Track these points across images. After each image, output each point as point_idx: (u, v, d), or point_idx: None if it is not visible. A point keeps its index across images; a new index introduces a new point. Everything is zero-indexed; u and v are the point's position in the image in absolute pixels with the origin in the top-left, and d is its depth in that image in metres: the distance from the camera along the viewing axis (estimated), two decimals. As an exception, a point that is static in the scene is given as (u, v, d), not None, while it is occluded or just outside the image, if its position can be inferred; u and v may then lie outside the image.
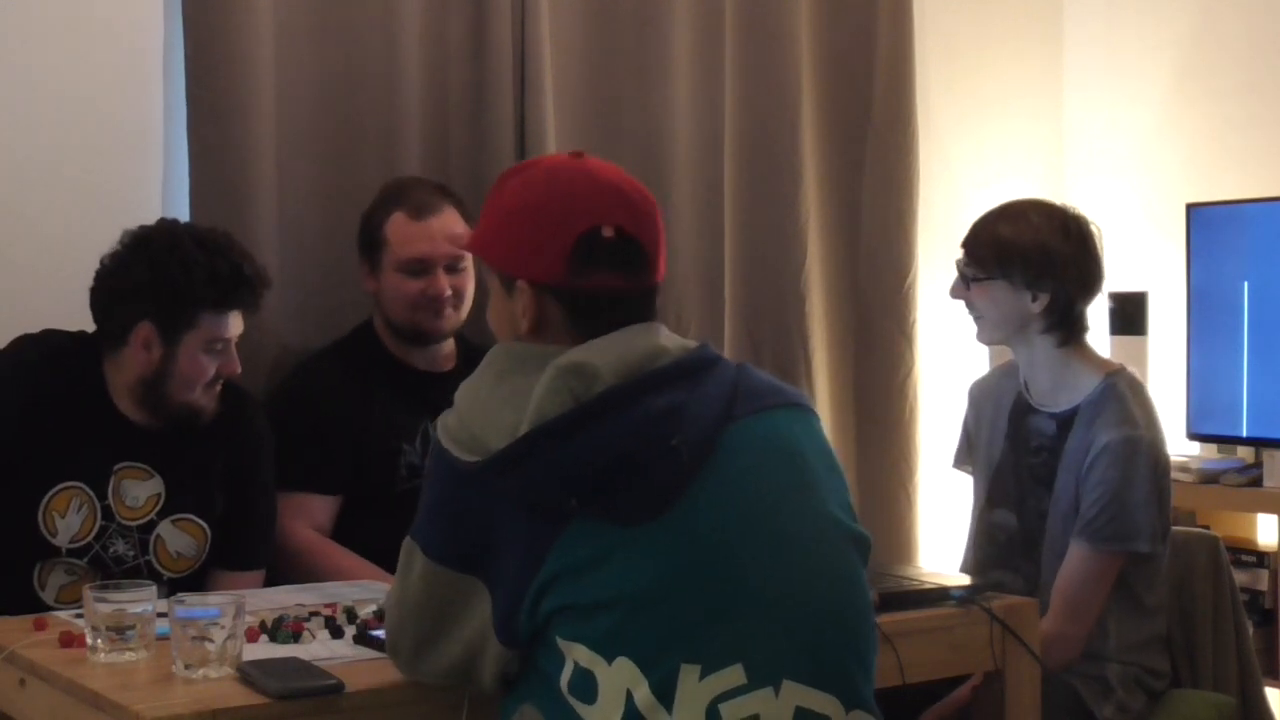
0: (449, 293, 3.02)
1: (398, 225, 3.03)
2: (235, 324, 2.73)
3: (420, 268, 3.01)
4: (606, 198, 1.92)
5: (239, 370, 2.77)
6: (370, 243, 3.07)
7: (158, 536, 2.76)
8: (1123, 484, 2.81)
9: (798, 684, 1.81)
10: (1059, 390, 2.95)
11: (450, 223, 3.03)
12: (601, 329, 1.90)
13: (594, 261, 1.90)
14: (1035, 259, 2.89)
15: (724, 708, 1.78)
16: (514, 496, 1.82)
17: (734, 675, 1.79)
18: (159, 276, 2.68)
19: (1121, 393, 2.88)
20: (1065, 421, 2.93)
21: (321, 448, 2.98)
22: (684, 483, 1.82)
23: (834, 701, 1.83)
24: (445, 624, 1.90)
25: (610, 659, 1.78)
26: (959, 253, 2.98)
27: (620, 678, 1.78)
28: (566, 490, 1.79)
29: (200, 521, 2.79)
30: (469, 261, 3.05)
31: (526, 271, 1.92)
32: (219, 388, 2.76)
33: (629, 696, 1.77)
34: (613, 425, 1.81)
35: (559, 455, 1.80)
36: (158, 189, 3.18)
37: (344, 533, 2.99)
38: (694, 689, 1.77)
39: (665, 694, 1.77)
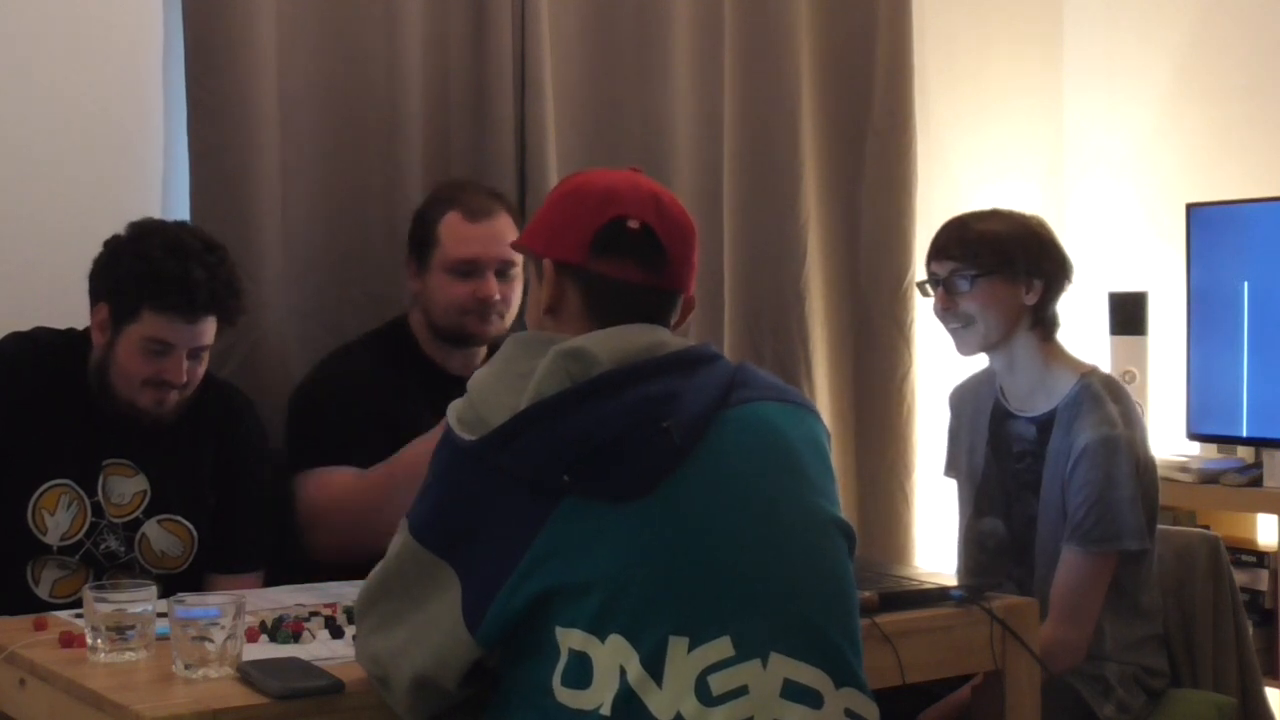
0: (498, 297, 2.99)
1: (452, 225, 3.00)
2: (183, 332, 2.65)
3: (470, 269, 2.99)
4: (642, 198, 1.98)
5: (182, 380, 2.68)
6: (421, 241, 3.04)
7: (143, 535, 2.76)
8: (1105, 484, 2.81)
9: (786, 657, 1.83)
10: (1036, 394, 2.96)
11: (503, 228, 3.01)
12: (614, 318, 1.94)
13: (615, 249, 1.96)
14: (1031, 245, 2.92)
15: (712, 679, 1.80)
16: (509, 473, 1.84)
17: (722, 647, 1.81)
18: (114, 262, 2.68)
19: (1096, 393, 2.88)
20: (1044, 425, 2.94)
21: (352, 430, 2.91)
22: (674, 463, 1.84)
23: (823, 676, 1.85)
24: (406, 605, 1.92)
25: (603, 637, 1.80)
26: (940, 268, 2.96)
27: (613, 655, 1.79)
28: (559, 466, 1.82)
29: (186, 523, 2.79)
30: (519, 269, 3.03)
31: (552, 251, 2.00)
32: (172, 395, 2.70)
33: (622, 673, 1.79)
34: (607, 405, 1.84)
35: (552, 432, 1.83)
36: (157, 189, 3.18)
37: None
38: (683, 661, 1.79)
39: (655, 667, 1.79)
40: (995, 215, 2.99)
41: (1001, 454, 3.01)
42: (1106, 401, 2.87)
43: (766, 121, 3.77)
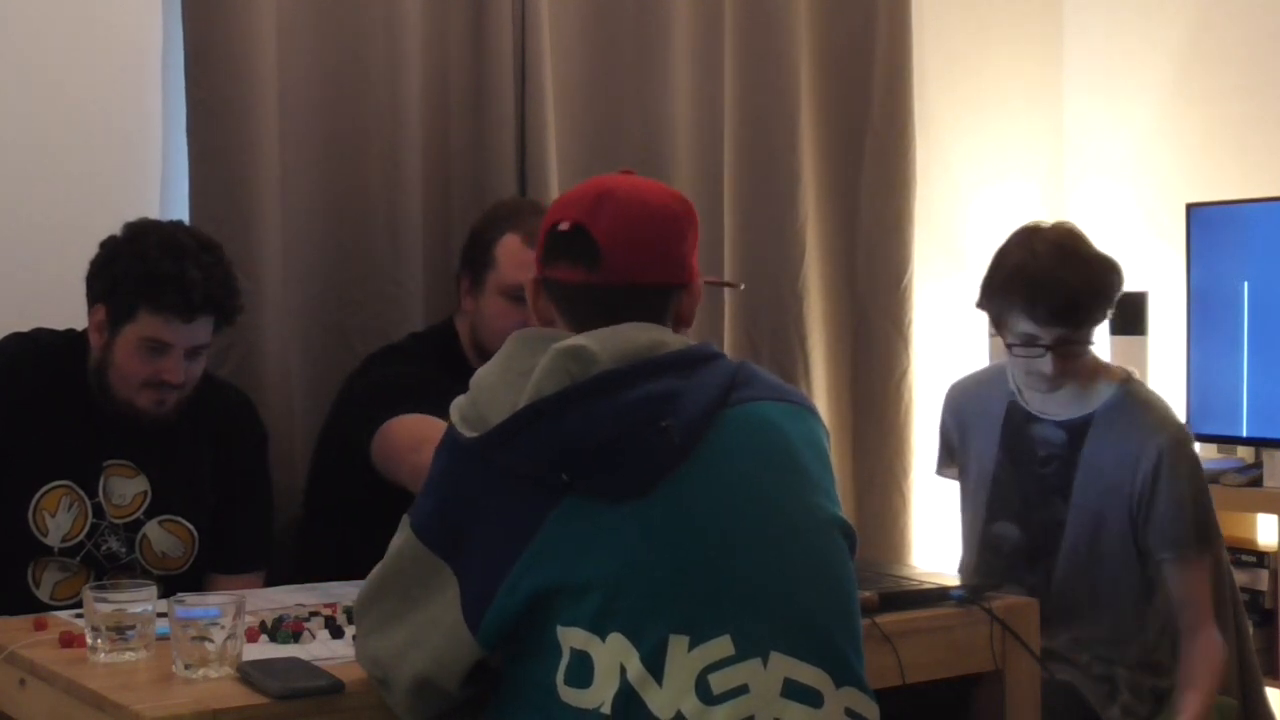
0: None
1: (510, 248, 2.94)
2: (180, 332, 2.65)
3: (525, 295, 2.91)
4: (585, 199, 2.00)
5: (180, 380, 2.68)
6: (478, 260, 2.99)
7: (144, 536, 2.76)
8: (1192, 488, 2.84)
9: (786, 656, 1.83)
10: (1069, 398, 2.93)
11: None
12: (582, 318, 1.96)
13: (555, 253, 2.01)
14: (1115, 281, 2.87)
15: (713, 678, 1.80)
16: (509, 471, 1.85)
17: (723, 646, 1.81)
18: (110, 263, 2.69)
19: (1145, 398, 2.90)
20: (1076, 429, 2.91)
21: (415, 397, 2.76)
22: (674, 463, 1.85)
23: (824, 675, 1.85)
24: (405, 605, 1.92)
25: (604, 636, 1.80)
26: (1044, 332, 2.79)
27: (614, 653, 1.80)
28: (559, 465, 1.83)
29: (187, 524, 2.79)
30: None
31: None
32: (171, 395, 2.70)
33: (622, 671, 1.79)
34: (606, 405, 1.84)
35: (552, 431, 1.83)
36: (156, 190, 3.18)
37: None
38: (683, 660, 1.79)
39: (655, 665, 1.79)
40: (1073, 260, 2.82)
41: (1021, 458, 2.97)
42: (1157, 405, 2.89)
43: (766, 122, 3.77)
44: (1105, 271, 2.85)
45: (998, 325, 2.89)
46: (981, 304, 2.90)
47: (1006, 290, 2.82)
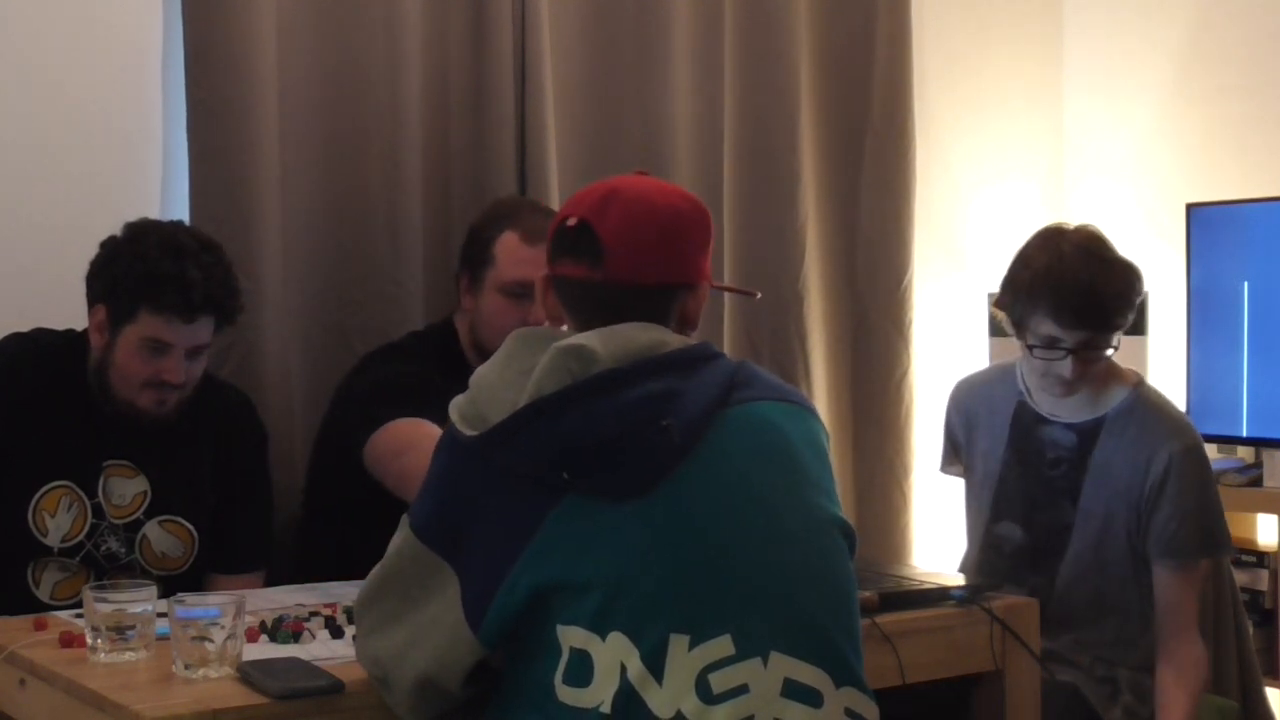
0: (548, 324, 2.93)
1: (509, 245, 2.95)
2: (181, 332, 2.65)
3: (525, 292, 2.89)
4: (593, 197, 2.00)
5: (180, 380, 2.68)
6: (476, 258, 2.99)
7: (143, 536, 2.76)
8: (1198, 496, 2.82)
9: (786, 655, 1.83)
10: (1080, 400, 2.92)
11: None
12: (586, 315, 1.97)
13: (561, 250, 2.02)
14: (1139, 285, 2.85)
15: (713, 678, 1.80)
16: (509, 469, 1.85)
17: (723, 645, 1.81)
18: (111, 263, 2.68)
19: (1157, 403, 2.88)
20: (1087, 432, 2.90)
21: (414, 398, 2.77)
22: (674, 462, 1.85)
23: (823, 675, 1.85)
24: (405, 605, 1.92)
25: (604, 635, 1.81)
26: (1067, 335, 2.78)
27: (614, 652, 1.80)
28: (559, 464, 1.83)
29: (187, 524, 2.78)
30: None
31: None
32: (171, 396, 2.70)
33: (622, 670, 1.79)
34: (607, 403, 1.85)
35: (553, 429, 1.84)
36: (156, 190, 3.18)
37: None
38: (683, 659, 1.80)
39: (655, 664, 1.79)
40: (1101, 264, 2.80)
41: (1029, 459, 2.96)
42: (1170, 411, 2.88)
43: (766, 122, 3.78)
44: (1130, 276, 2.84)
45: (1018, 327, 2.86)
46: (1002, 304, 2.88)
47: (1031, 292, 2.80)
